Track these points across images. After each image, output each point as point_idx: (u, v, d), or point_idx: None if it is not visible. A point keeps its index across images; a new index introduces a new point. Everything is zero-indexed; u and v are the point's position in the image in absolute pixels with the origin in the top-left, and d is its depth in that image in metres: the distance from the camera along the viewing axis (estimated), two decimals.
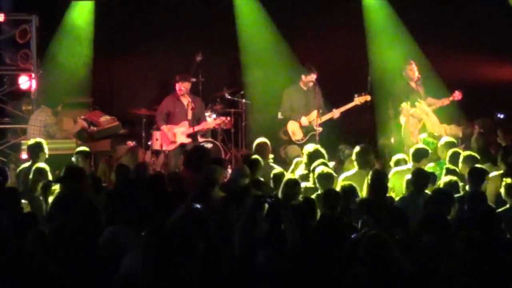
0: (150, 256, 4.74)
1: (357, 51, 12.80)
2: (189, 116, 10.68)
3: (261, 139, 9.13)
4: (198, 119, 10.79)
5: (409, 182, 6.99)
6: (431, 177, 7.14)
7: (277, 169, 8.19)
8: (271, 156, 9.21)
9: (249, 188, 6.66)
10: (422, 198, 6.64)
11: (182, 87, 10.72)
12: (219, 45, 13.01)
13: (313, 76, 10.75)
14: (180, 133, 10.63)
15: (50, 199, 6.97)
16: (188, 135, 10.64)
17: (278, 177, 7.53)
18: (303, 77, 10.83)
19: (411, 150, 8.16)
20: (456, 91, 10.62)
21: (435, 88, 11.35)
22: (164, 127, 10.66)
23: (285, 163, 10.18)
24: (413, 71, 10.85)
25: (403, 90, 10.77)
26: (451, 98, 10.63)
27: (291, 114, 10.81)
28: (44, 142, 8.74)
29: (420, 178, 6.89)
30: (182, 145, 10.56)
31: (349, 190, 6.63)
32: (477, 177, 7.04)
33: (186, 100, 10.70)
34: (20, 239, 5.32)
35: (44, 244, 5.26)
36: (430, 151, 8.32)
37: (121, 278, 4.77)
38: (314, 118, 10.58)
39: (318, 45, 12.87)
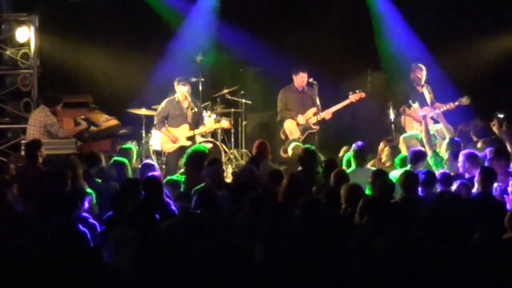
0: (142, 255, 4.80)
1: (357, 50, 12.84)
2: (189, 118, 10.62)
3: (261, 140, 9.21)
4: (197, 121, 10.75)
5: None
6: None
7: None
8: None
9: (255, 187, 6.71)
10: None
11: (183, 90, 10.62)
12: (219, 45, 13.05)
13: (302, 75, 10.70)
14: (180, 136, 10.59)
15: None
16: (188, 138, 10.61)
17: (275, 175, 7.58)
18: (293, 76, 10.81)
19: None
20: (465, 96, 10.58)
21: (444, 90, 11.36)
22: (163, 130, 10.59)
23: (285, 163, 10.19)
24: (422, 75, 10.80)
25: (407, 92, 10.73)
26: (457, 103, 10.59)
27: (287, 114, 10.80)
28: (40, 141, 8.74)
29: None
30: (182, 148, 10.52)
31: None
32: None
33: (186, 103, 10.64)
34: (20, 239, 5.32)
35: (44, 244, 5.26)
36: None
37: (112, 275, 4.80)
38: (310, 116, 10.58)
39: (317, 44, 12.91)
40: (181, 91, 10.56)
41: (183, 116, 10.61)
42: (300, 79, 10.69)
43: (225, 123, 11.27)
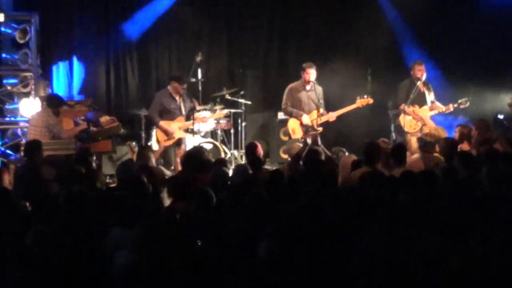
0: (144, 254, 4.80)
1: (358, 50, 12.87)
2: (183, 111, 10.75)
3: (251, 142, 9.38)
4: (188, 111, 10.86)
5: None
6: None
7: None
8: None
9: (250, 186, 6.70)
10: None
11: (182, 87, 10.77)
12: (219, 45, 13.08)
13: (308, 71, 10.67)
14: (177, 128, 10.68)
15: None
16: (185, 130, 10.74)
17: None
18: (301, 74, 10.78)
19: None
20: (465, 98, 10.57)
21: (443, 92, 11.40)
22: (162, 123, 10.67)
23: (284, 163, 10.18)
24: (422, 71, 10.78)
25: (407, 90, 10.72)
26: (455, 105, 10.59)
27: (293, 112, 10.75)
28: (40, 142, 8.73)
29: None
30: (180, 139, 10.66)
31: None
32: None
33: (178, 97, 10.77)
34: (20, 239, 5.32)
35: (44, 244, 5.26)
36: None
37: (118, 278, 4.79)
38: (315, 118, 10.53)
39: (318, 45, 12.94)
40: (176, 88, 10.65)
41: (178, 109, 10.72)
42: (307, 75, 10.67)
43: (220, 113, 11.33)
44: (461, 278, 4.60)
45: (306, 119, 10.64)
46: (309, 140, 10.22)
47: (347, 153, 9.47)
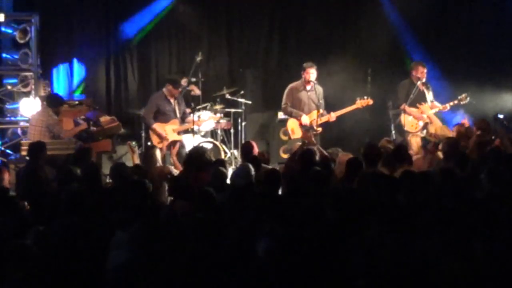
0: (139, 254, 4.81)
1: (358, 50, 12.87)
2: (178, 114, 10.77)
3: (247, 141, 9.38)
4: (183, 114, 10.87)
5: None
6: None
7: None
8: None
9: (253, 186, 6.70)
10: None
11: (177, 91, 10.81)
12: (219, 45, 13.09)
13: (309, 71, 10.65)
14: (171, 131, 10.69)
15: None
16: (179, 132, 10.75)
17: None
18: (302, 73, 10.76)
19: None
20: (464, 94, 10.57)
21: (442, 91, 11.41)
22: (156, 126, 10.68)
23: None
24: (423, 73, 10.77)
25: (407, 90, 10.71)
26: (456, 101, 10.59)
27: (292, 112, 10.74)
28: (44, 143, 8.73)
29: None
30: (174, 142, 10.67)
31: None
32: None
33: (172, 100, 10.78)
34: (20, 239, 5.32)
35: (44, 243, 5.26)
36: None
37: (112, 276, 4.80)
38: (314, 118, 10.52)
39: (318, 45, 12.93)
40: (170, 91, 10.67)
41: (173, 111, 10.75)
42: (308, 74, 10.65)
43: (216, 117, 11.37)
44: (461, 278, 4.61)
45: (305, 119, 10.63)
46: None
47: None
